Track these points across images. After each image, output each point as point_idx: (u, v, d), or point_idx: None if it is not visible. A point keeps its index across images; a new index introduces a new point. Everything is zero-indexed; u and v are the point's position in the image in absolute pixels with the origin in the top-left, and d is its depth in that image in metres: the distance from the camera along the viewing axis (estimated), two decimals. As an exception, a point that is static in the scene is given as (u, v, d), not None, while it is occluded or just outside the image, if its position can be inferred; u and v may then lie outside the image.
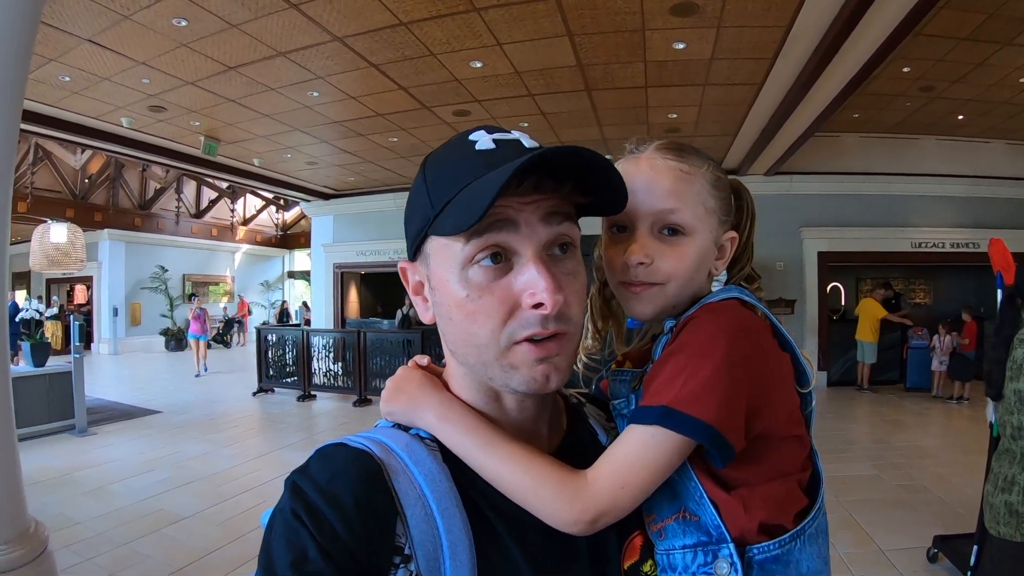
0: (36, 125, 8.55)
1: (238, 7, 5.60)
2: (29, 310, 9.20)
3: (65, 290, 22.35)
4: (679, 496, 0.80)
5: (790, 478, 0.81)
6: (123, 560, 4.56)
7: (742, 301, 0.85)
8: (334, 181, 13.89)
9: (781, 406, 0.79)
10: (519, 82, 7.58)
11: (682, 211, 0.85)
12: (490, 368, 0.76)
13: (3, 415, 3.06)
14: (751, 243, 0.99)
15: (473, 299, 0.74)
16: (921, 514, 5.15)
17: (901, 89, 8.82)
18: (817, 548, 0.79)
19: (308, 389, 11.49)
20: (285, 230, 26.84)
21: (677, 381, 0.74)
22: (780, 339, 0.83)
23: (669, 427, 0.72)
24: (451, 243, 0.74)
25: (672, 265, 0.85)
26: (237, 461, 7.20)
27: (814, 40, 5.90)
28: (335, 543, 0.66)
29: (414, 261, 0.83)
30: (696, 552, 0.78)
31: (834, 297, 13.66)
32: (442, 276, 0.77)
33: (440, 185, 0.76)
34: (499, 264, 0.74)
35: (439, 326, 0.81)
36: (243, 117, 8.97)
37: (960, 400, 10.04)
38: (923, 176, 11.61)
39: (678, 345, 0.79)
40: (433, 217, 0.75)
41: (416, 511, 0.71)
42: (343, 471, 0.71)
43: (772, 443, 0.78)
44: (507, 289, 0.74)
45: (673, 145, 0.90)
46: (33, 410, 8.10)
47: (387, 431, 0.81)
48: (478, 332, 0.74)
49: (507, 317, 0.73)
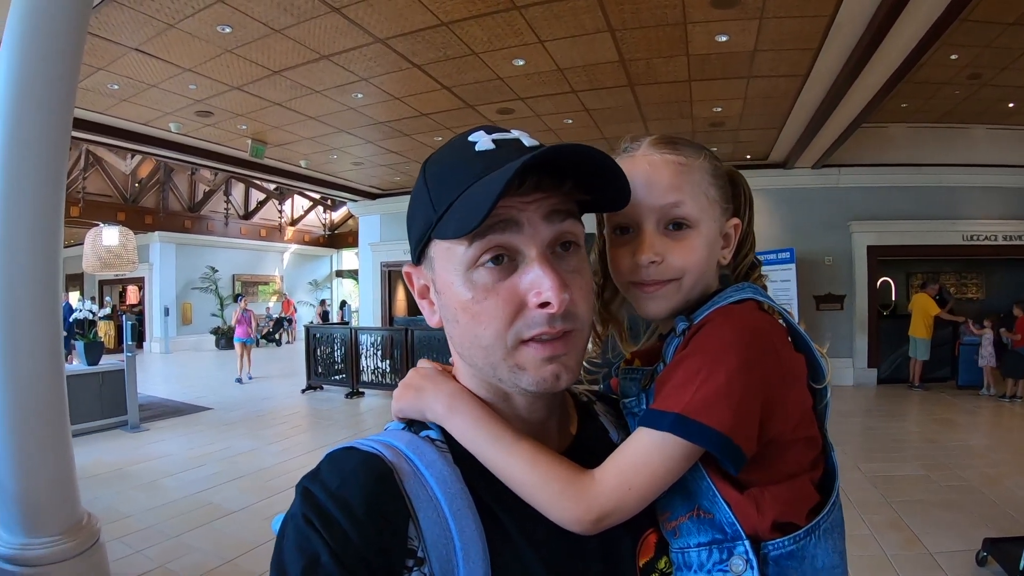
0: (86, 132, 8.80)
1: (281, 12, 5.69)
2: (83, 310, 9.42)
3: (117, 291, 22.92)
4: (693, 495, 0.80)
5: (801, 477, 0.80)
6: (172, 551, 4.66)
7: (757, 303, 0.84)
8: (380, 181, 14.02)
9: (793, 410, 0.79)
10: (562, 79, 7.56)
11: (686, 204, 0.85)
12: (498, 369, 0.77)
13: (57, 412, 3.16)
14: (752, 231, 0.97)
15: (478, 300, 0.74)
16: (971, 516, 5.02)
17: (949, 77, 8.58)
18: (832, 543, 0.79)
19: (356, 386, 11.61)
20: (333, 230, 27.16)
21: (690, 387, 0.74)
22: (796, 339, 0.83)
23: (681, 435, 0.72)
24: (454, 246, 0.74)
25: (683, 260, 0.85)
26: (286, 457, 7.34)
27: (858, 28, 5.79)
28: (347, 547, 0.65)
29: (418, 265, 0.84)
30: (711, 550, 0.78)
31: (884, 292, 13.39)
32: (446, 279, 0.77)
33: (441, 188, 0.76)
34: (503, 265, 0.74)
35: (446, 329, 0.82)
36: (289, 120, 9.11)
37: (1013, 399, 9.76)
38: (974, 167, 11.27)
39: (692, 349, 0.79)
40: (436, 220, 0.75)
41: (428, 513, 0.71)
42: (354, 475, 0.71)
43: (783, 446, 0.78)
44: (512, 289, 0.73)
45: (667, 139, 0.89)
46: (86, 407, 8.31)
47: (397, 433, 0.81)
48: (484, 334, 0.75)
49: (513, 317, 0.73)
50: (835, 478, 0.83)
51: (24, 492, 3.01)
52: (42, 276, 3.07)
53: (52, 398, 3.12)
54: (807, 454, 0.81)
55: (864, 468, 6.30)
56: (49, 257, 3.11)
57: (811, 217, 11.48)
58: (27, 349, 3.00)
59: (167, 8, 5.53)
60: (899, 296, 13.75)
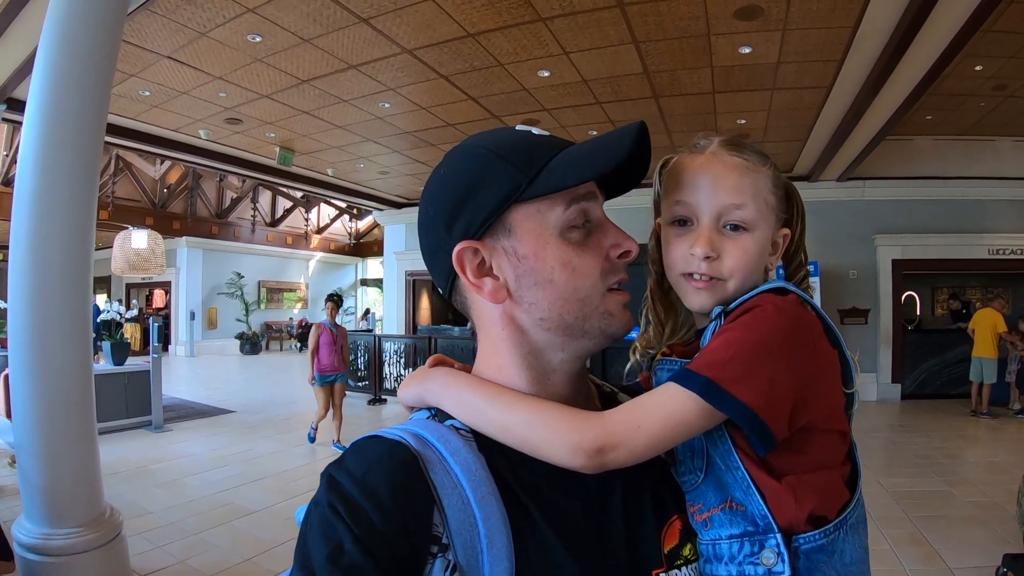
0: (118, 137, 8.96)
1: (310, 23, 5.79)
2: (110, 311, 9.54)
3: (144, 294, 23.17)
4: (725, 486, 0.80)
5: (834, 470, 0.81)
6: (193, 548, 4.73)
7: (799, 296, 0.85)
8: (406, 190, 14.14)
9: (828, 399, 0.79)
10: (587, 90, 7.60)
11: (747, 207, 0.87)
12: (590, 319, 0.82)
13: (85, 408, 3.24)
14: (803, 243, 0.98)
15: (578, 254, 0.80)
16: (993, 532, 4.95)
17: (974, 88, 8.52)
18: (858, 538, 0.79)
19: (379, 393, 11.71)
20: (358, 239, 27.40)
21: (728, 356, 0.74)
22: (831, 336, 0.83)
23: (708, 399, 0.72)
24: (549, 210, 0.80)
25: (736, 260, 0.86)
26: (308, 460, 7.40)
27: (882, 40, 5.78)
28: (371, 534, 0.66)
29: (480, 239, 0.82)
30: (743, 542, 0.78)
31: (909, 306, 13.24)
32: (537, 242, 0.80)
33: (524, 157, 0.80)
34: (586, 228, 0.82)
35: (525, 298, 0.82)
36: (317, 128, 9.23)
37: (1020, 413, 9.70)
38: (1000, 179, 11.11)
39: (737, 324, 0.79)
40: (527, 183, 0.78)
41: (453, 500, 0.71)
42: (378, 462, 0.72)
43: (818, 434, 0.79)
44: (598, 245, 0.83)
45: (737, 142, 0.92)
46: (112, 406, 8.45)
47: (422, 422, 0.81)
48: (583, 284, 0.81)
49: (604, 269, 0.82)
50: (858, 475, 0.84)
51: (49, 483, 3.09)
52: (74, 275, 3.15)
53: (80, 393, 3.19)
54: (840, 448, 0.83)
55: (885, 483, 6.23)
56: (81, 257, 3.19)
57: (836, 230, 11.35)
58: (58, 345, 3.08)
59: (199, 17, 5.65)
60: (924, 310, 13.59)
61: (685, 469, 0.85)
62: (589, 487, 0.79)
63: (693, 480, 0.84)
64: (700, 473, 0.82)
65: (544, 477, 0.77)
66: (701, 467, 0.82)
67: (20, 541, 3.05)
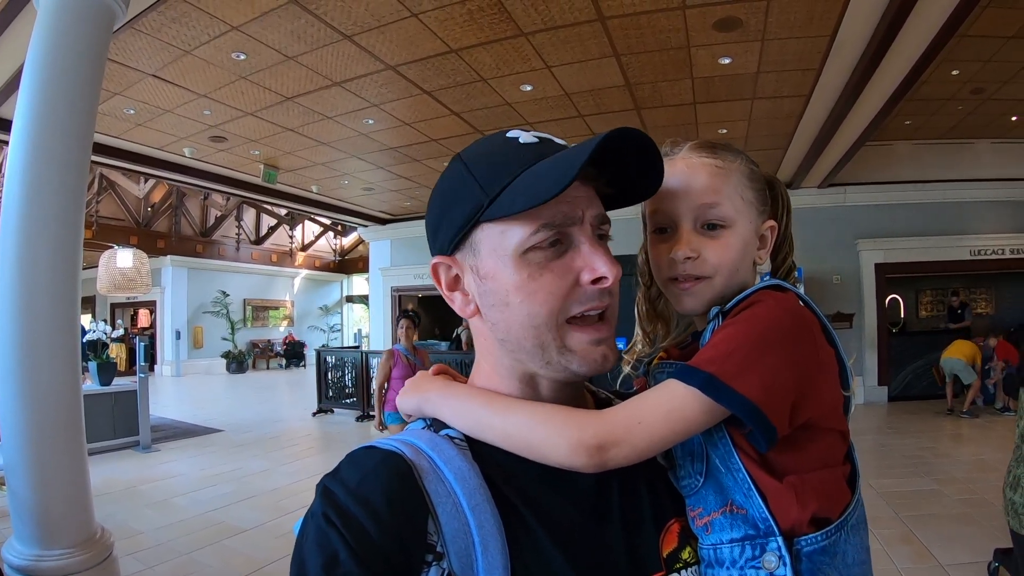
0: (102, 156, 8.90)
1: (294, 40, 5.81)
2: (96, 331, 9.49)
3: (129, 314, 22.98)
4: (726, 489, 0.79)
5: (835, 470, 0.81)
6: (184, 568, 4.71)
7: (797, 295, 0.86)
8: (390, 206, 14.16)
9: (828, 396, 0.80)
10: (569, 104, 7.65)
11: (722, 204, 0.88)
12: (547, 350, 0.79)
13: (74, 428, 3.24)
14: (790, 234, 0.99)
15: (535, 278, 0.77)
16: (983, 528, 4.98)
17: (951, 93, 8.66)
18: (859, 538, 0.80)
19: (367, 410, 11.58)
20: (343, 255, 27.31)
21: (728, 353, 0.74)
22: (828, 337, 0.84)
23: (710, 395, 0.72)
24: (510, 228, 0.77)
25: (718, 257, 0.87)
26: (297, 478, 7.36)
27: (859, 47, 5.85)
28: (366, 544, 0.66)
29: (452, 255, 0.84)
30: (744, 546, 0.77)
31: (893, 310, 13.34)
32: (497, 263, 0.79)
33: (492, 172, 0.78)
34: (556, 247, 0.78)
35: (488, 317, 0.83)
36: (301, 145, 9.24)
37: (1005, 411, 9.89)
38: (979, 181, 11.26)
39: (737, 320, 0.79)
40: (488, 202, 0.77)
41: (447, 508, 0.71)
42: (373, 473, 0.72)
43: (818, 433, 0.79)
44: (566, 267, 0.78)
45: (706, 143, 0.93)
46: (99, 426, 8.38)
47: (417, 432, 0.81)
48: (539, 311, 0.77)
49: (567, 293, 0.77)
50: (858, 475, 0.85)
51: (40, 504, 3.08)
52: (61, 295, 3.16)
53: (69, 413, 3.19)
54: (840, 447, 0.83)
55: (875, 484, 6.28)
56: (68, 276, 3.20)
57: (818, 236, 11.43)
58: (46, 365, 3.08)
59: (184, 35, 5.65)
60: (907, 313, 13.70)
61: (684, 473, 0.85)
62: (586, 492, 0.79)
63: (693, 484, 0.83)
64: (700, 477, 0.82)
65: (539, 483, 0.77)
66: (701, 471, 0.82)
67: (11, 563, 3.03)
